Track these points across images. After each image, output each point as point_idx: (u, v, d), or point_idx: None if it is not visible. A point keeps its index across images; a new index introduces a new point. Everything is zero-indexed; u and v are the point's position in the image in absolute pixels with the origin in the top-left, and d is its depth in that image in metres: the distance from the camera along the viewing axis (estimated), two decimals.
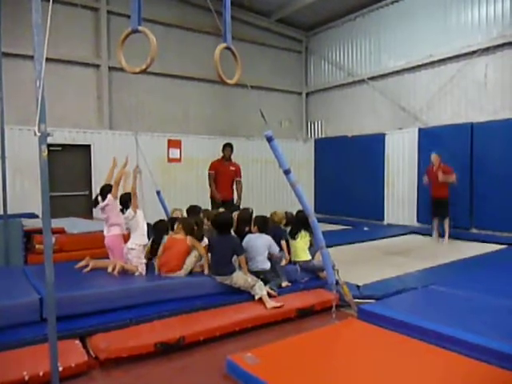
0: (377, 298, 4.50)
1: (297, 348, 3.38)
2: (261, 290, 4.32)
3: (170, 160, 10.51)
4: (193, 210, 5.62)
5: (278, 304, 4.21)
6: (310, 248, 5.09)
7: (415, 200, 10.02)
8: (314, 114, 13.29)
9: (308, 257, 5.00)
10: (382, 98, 11.12)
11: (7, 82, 5.65)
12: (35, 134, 2.44)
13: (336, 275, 4.16)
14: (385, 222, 10.79)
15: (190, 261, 4.51)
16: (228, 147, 7.85)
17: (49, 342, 2.59)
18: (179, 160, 10.64)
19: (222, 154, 7.92)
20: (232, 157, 7.97)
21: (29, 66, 8.05)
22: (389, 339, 3.49)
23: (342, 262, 4.72)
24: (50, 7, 2.39)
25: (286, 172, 4.18)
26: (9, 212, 5.49)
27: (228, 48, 3.93)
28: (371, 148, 11.00)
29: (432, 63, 9.94)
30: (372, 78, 11.33)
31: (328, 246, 4.49)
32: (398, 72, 10.71)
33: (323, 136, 12.84)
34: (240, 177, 7.92)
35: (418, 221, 9.93)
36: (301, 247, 5.00)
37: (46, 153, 2.44)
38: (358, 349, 3.37)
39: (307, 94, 13.36)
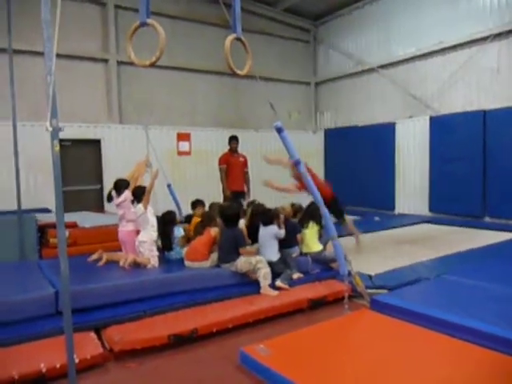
0: (389, 289, 4.48)
1: (309, 339, 3.39)
2: (265, 278, 4.36)
3: (180, 153, 10.53)
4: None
5: (275, 293, 4.27)
6: (319, 239, 5.09)
7: (427, 189, 9.93)
8: (323, 104, 13.19)
9: (319, 247, 5.01)
10: (392, 87, 10.99)
11: (17, 78, 5.68)
12: (47, 130, 2.45)
13: (348, 266, 4.14)
14: (396, 212, 10.73)
15: (214, 257, 4.64)
16: (234, 139, 7.92)
17: (65, 334, 2.63)
18: (189, 153, 10.67)
19: (229, 147, 7.98)
20: (239, 149, 8.02)
21: (38, 63, 8.10)
22: (402, 330, 3.48)
23: (353, 253, 4.71)
24: (59, 2, 2.39)
25: (296, 163, 4.17)
26: (22, 207, 5.56)
27: (238, 39, 3.90)
28: (381, 137, 10.90)
29: (443, 50, 9.78)
30: (382, 67, 11.19)
31: (339, 237, 4.47)
32: (408, 60, 10.56)
33: (333, 126, 12.75)
34: (247, 168, 8.00)
35: (431, 210, 9.85)
36: (311, 238, 5.00)
37: (58, 148, 2.46)
38: (370, 339, 3.37)
39: (316, 84, 13.25)
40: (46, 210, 7.65)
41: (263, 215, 4.86)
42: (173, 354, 3.39)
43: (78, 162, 9.23)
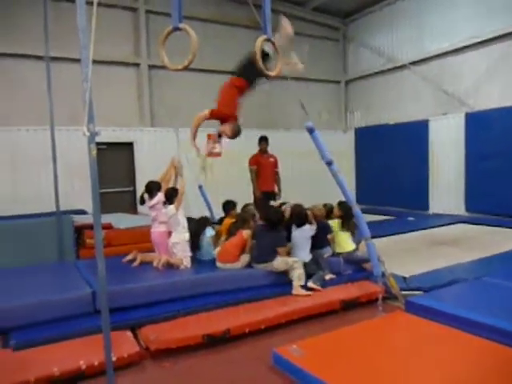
0: (425, 290, 4.37)
1: (343, 340, 3.36)
2: (299, 279, 4.37)
3: (210, 155, 10.60)
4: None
5: (306, 293, 4.28)
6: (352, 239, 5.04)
7: (463, 188, 9.65)
8: (353, 102, 13.02)
9: (352, 246, 4.95)
10: (425, 83, 10.72)
11: (54, 84, 5.86)
12: (84, 134, 2.52)
13: (382, 266, 4.07)
14: (430, 212, 10.46)
15: (245, 259, 4.67)
16: (264, 140, 7.92)
17: (102, 333, 2.69)
18: (219, 154, 10.73)
19: (259, 148, 7.99)
20: (269, 149, 8.02)
21: (73, 69, 8.36)
22: (438, 333, 3.39)
23: (386, 253, 4.62)
24: (95, 10, 2.45)
25: (329, 163, 4.13)
26: (60, 209, 5.74)
27: (268, 40, 3.91)
28: (414, 135, 10.66)
29: (477, 44, 9.47)
30: (414, 63, 10.94)
31: (371, 237, 4.40)
32: (441, 55, 10.29)
33: (363, 125, 12.57)
34: (278, 168, 7.99)
35: (467, 209, 9.55)
36: (345, 238, 4.95)
37: (95, 151, 2.53)
38: (405, 342, 3.30)
39: (346, 83, 13.10)
40: (82, 212, 7.88)
41: (297, 216, 4.85)
42: (206, 354, 3.42)
43: (112, 164, 9.45)
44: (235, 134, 5.03)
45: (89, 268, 4.47)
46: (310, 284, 4.41)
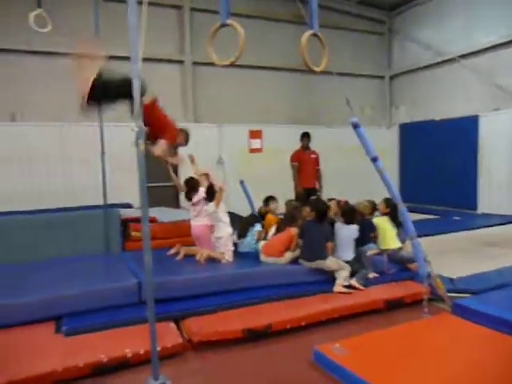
0: (473, 293, 4.22)
1: (386, 341, 3.29)
2: (344, 279, 4.34)
3: (252, 150, 10.68)
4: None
5: (347, 291, 4.25)
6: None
7: None
8: (398, 97, 12.68)
9: (398, 244, 4.83)
10: (475, 77, 10.27)
11: None
12: (132, 130, 2.60)
13: (428, 267, 3.95)
14: (478, 211, 10.03)
15: (290, 255, 4.66)
16: (306, 136, 7.89)
17: (148, 323, 2.77)
18: (260, 150, 10.77)
19: (300, 144, 7.95)
20: (311, 145, 7.96)
21: (119, 66, 8.58)
22: (486, 337, 3.26)
23: (432, 254, 4.47)
24: (145, 10, 2.51)
25: (374, 159, 4.03)
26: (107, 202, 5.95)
27: (314, 35, 3.86)
28: (463, 132, 10.25)
29: None
30: (463, 56, 10.49)
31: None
32: (492, 47, 9.80)
33: (408, 121, 12.22)
34: (319, 165, 7.92)
35: None
36: (391, 235, 4.84)
37: (143, 147, 2.60)
38: (451, 345, 3.19)
39: (391, 78, 12.77)
40: (128, 206, 8.13)
41: (348, 213, 4.82)
42: (247, 348, 3.45)
43: (156, 159, 9.63)
44: (187, 139, 5.27)
45: (134, 260, 4.62)
46: (353, 282, 4.35)
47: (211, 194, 4.90)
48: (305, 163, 7.76)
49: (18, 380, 2.78)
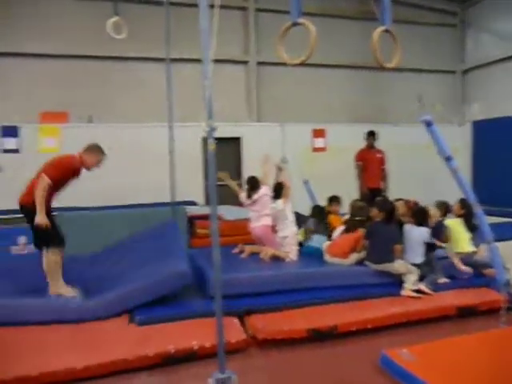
0: None
1: (457, 350, 3.13)
2: (412, 283, 4.19)
3: (315, 149, 10.59)
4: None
5: (416, 295, 4.09)
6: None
7: None
8: (471, 93, 11.96)
9: (472, 248, 4.57)
10: None
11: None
12: (204, 130, 2.67)
13: (507, 274, 3.70)
14: None
15: (355, 257, 4.60)
16: (371, 135, 7.70)
17: (215, 317, 2.84)
18: (324, 149, 10.65)
19: (365, 143, 7.76)
20: (377, 144, 7.75)
21: (185, 68, 8.85)
22: None
23: (509, 259, 4.20)
24: (217, 11, 2.58)
25: (448, 159, 3.84)
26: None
27: (386, 31, 3.75)
28: None
29: None
30: None
31: None
32: None
33: (483, 118, 11.49)
34: (385, 164, 7.68)
35: None
36: (465, 238, 4.59)
37: (213, 146, 2.67)
38: None
39: (463, 73, 12.08)
40: (193, 203, 8.37)
41: (420, 214, 4.62)
42: (311, 348, 3.43)
43: (221, 158, 9.82)
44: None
45: (201, 256, 4.75)
46: (422, 287, 4.18)
47: (278, 192, 4.92)
48: (370, 162, 7.58)
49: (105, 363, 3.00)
